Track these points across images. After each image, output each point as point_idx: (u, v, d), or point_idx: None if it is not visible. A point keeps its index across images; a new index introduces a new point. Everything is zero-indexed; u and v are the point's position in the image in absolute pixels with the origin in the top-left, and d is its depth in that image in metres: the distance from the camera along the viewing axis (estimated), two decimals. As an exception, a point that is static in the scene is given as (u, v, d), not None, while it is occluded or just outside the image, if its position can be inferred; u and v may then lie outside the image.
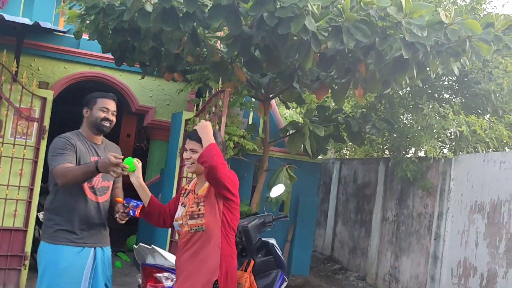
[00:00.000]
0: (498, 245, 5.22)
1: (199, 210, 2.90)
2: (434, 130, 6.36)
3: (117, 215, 3.24)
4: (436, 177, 6.48)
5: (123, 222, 3.27)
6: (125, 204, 3.21)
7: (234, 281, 2.91)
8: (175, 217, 3.05)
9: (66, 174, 3.07)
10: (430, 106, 6.53)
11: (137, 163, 3.09)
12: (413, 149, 7.21)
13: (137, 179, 3.09)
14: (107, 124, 3.47)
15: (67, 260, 3.14)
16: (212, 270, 2.81)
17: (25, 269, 5.51)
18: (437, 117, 6.43)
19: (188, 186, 3.15)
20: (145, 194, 3.14)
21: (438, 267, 6.15)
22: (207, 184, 2.93)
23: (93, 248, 3.26)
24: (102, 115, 3.45)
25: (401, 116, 7.25)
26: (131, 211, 3.29)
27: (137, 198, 3.24)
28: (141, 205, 3.30)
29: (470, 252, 5.65)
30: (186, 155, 3.03)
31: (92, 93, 3.55)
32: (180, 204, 3.09)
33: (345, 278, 8.34)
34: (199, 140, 2.93)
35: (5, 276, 5.37)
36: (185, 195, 3.09)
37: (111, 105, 3.51)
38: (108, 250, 3.40)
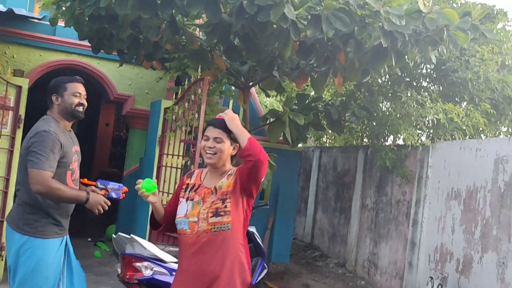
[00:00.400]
0: (473, 231, 5.33)
1: (225, 207, 2.67)
2: (412, 118, 6.43)
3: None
4: (414, 165, 6.57)
5: (102, 211, 3.15)
6: (100, 186, 3.11)
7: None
8: (182, 213, 2.74)
9: (52, 190, 2.96)
10: (408, 94, 6.60)
11: (155, 182, 2.79)
12: (391, 137, 7.28)
13: (154, 198, 2.77)
14: (81, 109, 3.32)
15: (55, 253, 3.12)
16: (246, 273, 2.71)
17: (2, 259, 5.43)
18: (415, 105, 6.50)
19: (190, 180, 2.87)
20: (161, 210, 2.85)
21: (415, 253, 6.26)
22: (231, 179, 2.72)
23: (65, 236, 3.24)
24: (76, 100, 3.29)
25: (380, 104, 7.30)
26: (113, 193, 3.24)
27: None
28: (124, 188, 3.24)
29: (447, 238, 5.75)
30: (209, 143, 2.73)
31: (57, 78, 3.33)
32: (184, 199, 2.80)
33: (325, 265, 8.44)
34: (225, 130, 2.71)
35: (-18, 267, 5.29)
36: (190, 189, 2.82)
37: (82, 89, 3.36)
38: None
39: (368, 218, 7.67)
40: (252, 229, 4.75)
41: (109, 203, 2.87)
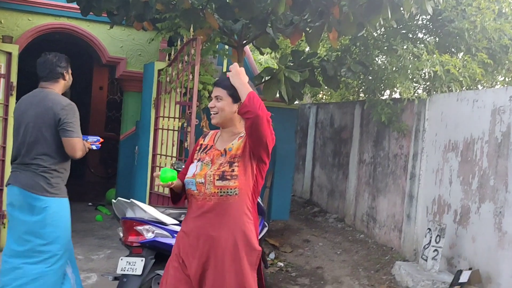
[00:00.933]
0: (471, 182, 5.37)
1: (233, 171, 2.57)
2: (408, 71, 6.37)
3: None
4: (411, 118, 6.55)
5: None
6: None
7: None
8: (190, 174, 2.70)
9: (85, 151, 3.58)
10: (404, 47, 6.50)
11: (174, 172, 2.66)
12: (388, 91, 7.24)
13: (176, 183, 2.68)
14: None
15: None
16: (254, 240, 2.60)
17: (4, 227, 5.47)
18: (411, 58, 6.42)
19: (203, 140, 2.82)
20: (180, 184, 2.75)
21: (413, 205, 6.33)
22: (241, 141, 2.63)
23: None
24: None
25: (376, 58, 7.21)
26: (93, 146, 3.72)
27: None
28: (101, 139, 3.76)
29: (444, 190, 5.80)
30: (211, 103, 2.69)
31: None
32: (195, 160, 2.75)
33: (325, 220, 8.55)
34: (226, 88, 2.63)
35: (-15, 235, 5.34)
36: (202, 150, 2.77)
37: None
38: None
39: (366, 173, 7.72)
40: (251, 188, 4.78)
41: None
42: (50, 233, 3.44)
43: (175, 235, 3.15)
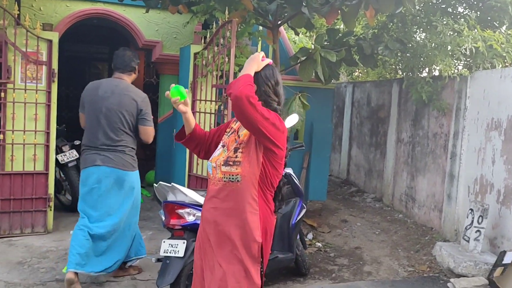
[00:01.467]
0: (515, 161, 5.22)
1: (236, 157, 2.54)
2: (449, 48, 6.19)
3: None
4: (452, 96, 6.39)
5: None
6: None
7: (271, 239, 2.68)
8: (211, 156, 2.72)
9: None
10: (444, 23, 6.30)
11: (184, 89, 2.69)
12: (427, 69, 7.06)
13: (185, 107, 2.68)
14: None
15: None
16: (255, 231, 2.53)
17: (50, 210, 5.68)
18: (451, 34, 6.23)
19: (234, 124, 2.77)
20: (192, 122, 2.78)
21: (454, 185, 6.21)
22: None
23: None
24: None
25: (414, 35, 7.03)
26: None
27: None
28: None
29: (487, 170, 5.67)
30: None
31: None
32: (221, 142, 2.75)
33: (362, 200, 8.50)
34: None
35: (33, 218, 5.56)
36: (229, 133, 2.74)
37: None
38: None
39: (405, 152, 7.61)
40: (289, 170, 4.79)
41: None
42: (135, 199, 4.37)
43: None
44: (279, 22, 6.06)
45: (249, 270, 2.54)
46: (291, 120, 4.26)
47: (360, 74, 10.82)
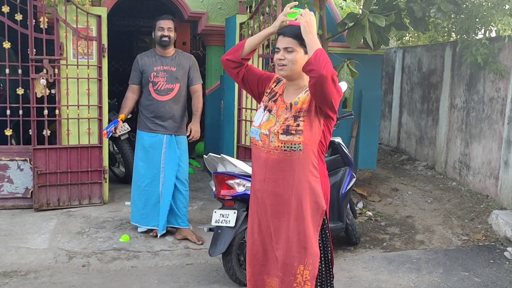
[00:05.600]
0: None
1: (298, 125, 2.49)
2: (507, 6, 5.86)
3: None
4: (509, 58, 6.08)
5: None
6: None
7: (329, 202, 2.70)
8: (256, 123, 2.66)
9: None
10: (502, -20, 5.96)
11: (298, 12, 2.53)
12: (482, 31, 6.72)
13: (276, 28, 2.60)
14: (165, 39, 4.66)
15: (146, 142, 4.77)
16: (319, 199, 2.55)
17: (105, 182, 5.88)
18: (510, -8, 5.88)
19: (275, 86, 2.71)
20: (260, 42, 2.69)
21: (511, 151, 5.97)
22: (307, 95, 2.52)
23: (164, 135, 4.72)
24: (159, 33, 4.67)
25: (469, -5, 6.68)
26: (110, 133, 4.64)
27: None
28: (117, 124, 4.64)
29: (547, 135, 5.41)
30: (279, 55, 2.54)
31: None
32: (262, 106, 2.69)
33: (413, 168, 8.33)
34: (296, 37, 2.49)
35: (89, 189, 5.77)
36: (272, 97, 2.67)
37: (165, 23, 4.66)
38: (178, 137, 4.78)
39: (458, 118, 7.35)
40: (338, 139, 4.73)
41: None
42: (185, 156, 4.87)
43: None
44: (326, -13, 5.90)
45: (312, 239, 2.56)
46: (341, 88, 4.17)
47: (410, 39, 10.45)
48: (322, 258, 2.64)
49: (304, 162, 2.51)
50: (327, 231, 2.66)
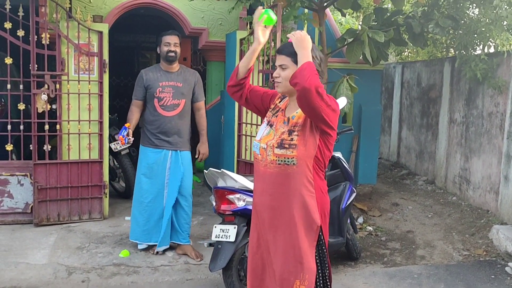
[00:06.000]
0: None
1: (291, 139, 2.50)
2: (505, 22, 5.91)
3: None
4: (508, 73, 6.12)
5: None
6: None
7: (328, 219, 2.70)
8: (258, 137, 2.70)
9: None
10: (500, -4, 6.01)
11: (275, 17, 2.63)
12: (481, 46, 6.77)
13: (264, 38, 2.66)
14: (171, 54, 4.65)
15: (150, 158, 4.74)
16: (313, 214, 2.54)
17: (106, 197, 5.88)
18: (507, 8, 5.93)
19: (279, 102, 2.74)
20: (254, 59, 2.73)
21: (511, 166, 5.97)
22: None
23: (169, 151, 4.72)
24: (165, 48, 4.64)
25: (467, 11, 6.74)
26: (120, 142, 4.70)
27: None
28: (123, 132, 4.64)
29: (547, 149, 5.42)
30: (275, 72, 2.60)
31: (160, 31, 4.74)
32: (266, 121, 2.72)
33: (413, 182, 8.33)
34: (290, 54, 2.52)
35: (89, 204, 5.77)
36: (275, 112, 2.70)
37: (172, 39, 4.65)
38: (183, 153, 4.80)
39: (458, 133, 7.38)
40: (338, 154, 4.74)
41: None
42: (189, 174, 4.92)
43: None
44: (325, 3, 5.96)
45: (308, 254, 2.55)
46: (340, 103, 4.21)
47: (409, 54, 10.51)
48: (320, 274, 2.63)
49: (298, 176, 2.52)
50: (323, 247, 2.65)
